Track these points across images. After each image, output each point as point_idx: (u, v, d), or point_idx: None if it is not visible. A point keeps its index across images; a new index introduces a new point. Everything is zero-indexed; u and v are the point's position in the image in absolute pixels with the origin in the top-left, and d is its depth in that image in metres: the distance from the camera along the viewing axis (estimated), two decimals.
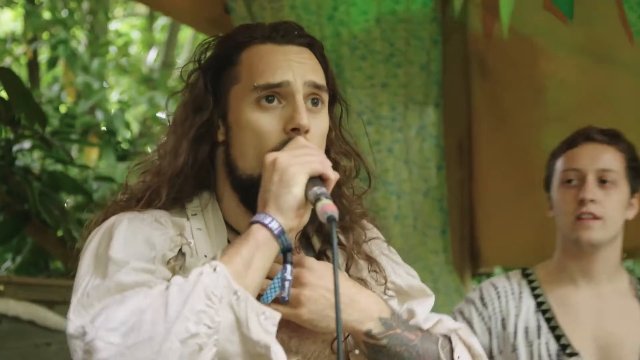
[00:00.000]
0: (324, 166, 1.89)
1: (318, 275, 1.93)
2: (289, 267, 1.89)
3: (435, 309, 4.61)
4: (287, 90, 1.98)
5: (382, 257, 2.20)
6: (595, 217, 2.96)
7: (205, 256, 1.96)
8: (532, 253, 4.60)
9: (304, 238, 2.12)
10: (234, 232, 2.02)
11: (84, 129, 6.01)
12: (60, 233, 4.43)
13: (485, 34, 4.22)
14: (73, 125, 6.20)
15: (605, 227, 2.97)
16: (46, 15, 8.57)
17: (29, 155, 4.90)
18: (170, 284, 1.77)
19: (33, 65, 8.88)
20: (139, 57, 11.55)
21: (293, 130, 1.96)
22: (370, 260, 2.16)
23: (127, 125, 7.90)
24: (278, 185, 1.85)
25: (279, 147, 1.94)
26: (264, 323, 1.78)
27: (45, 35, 8.65)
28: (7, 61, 8.72)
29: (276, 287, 1.89)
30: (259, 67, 2.00)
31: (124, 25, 12.05)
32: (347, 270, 2.11)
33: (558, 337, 2.99)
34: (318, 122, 2.01)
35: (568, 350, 2.97)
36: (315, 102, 2.02)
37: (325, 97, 2.05)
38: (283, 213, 1.85)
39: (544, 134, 4.40)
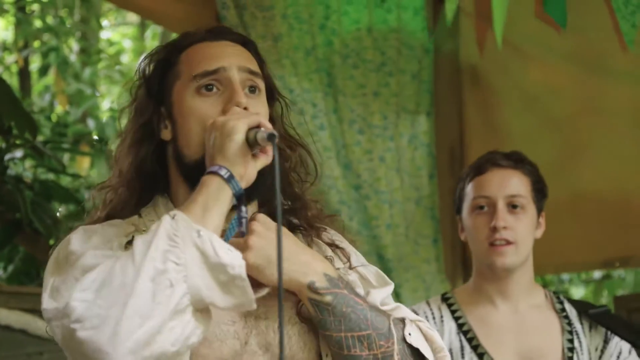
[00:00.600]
0: (260, 117, 1.98)
1: (268, 226, 1.99)
2: (243, 207, 1.98)
3: None
4: (223, 75, 2.09)
5: (343, 242, 2.26)
6: (509, 242, 3.05)
7: None
8: None
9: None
10: None
11: (75, 137, 6.01)
12: (52, 242, 4.42)
13: (478, 44, 4.23)
14: (65, 134, 6.20)
15: (517, 250, 3.07)
16: (37, 23, 8.57)
17: (20, 164, 4.89)
18: (134, 241, 1.84)
19: (24, 73, 8.88)
20: (131, 65, 11.54)
21: None
22: (333, 244, 2.22)
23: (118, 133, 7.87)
24: (220, 138, 1.95)
25: None
26: (233, 254, 1.84)
27: (36, 44, 8.65)
28: None
29: (234, 226, 1.98)
30: (196, 60, 2.12)
31: (115, 34, 12.04)
32: (311, 243, 2.18)
33: (481, 356, 3.06)
34: (256, 105, 2.10)
35: None
36: (252, 89, 2.12)
37: (261, 84, 2.15)
38: (229, 160, 1.93)
39: (536, 143, 4.41)
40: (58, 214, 4.65)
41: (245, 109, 2.05)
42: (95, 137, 6.70)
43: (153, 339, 1.76)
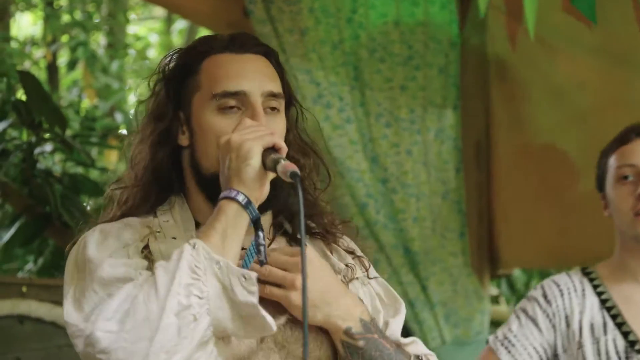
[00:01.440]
0: (275, 138, 2.01)
1: (317, 266, 2.04)
2: (260, 233, 2.00)
3: (454, 311, 4.65)
4: (244, 99, 2.09)
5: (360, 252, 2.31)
6: None
7: (174, 238, 2.07)
8: (552, 254, 4.63)
9: (278, 227, 2.23)
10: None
11: (103, 131, 6.03)
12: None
13: (510, 40, 4.22)
14: (93, 128, 6.23)
15: None
16: (65, 18, 8.60)
17: (50, 158, 4.92)
18: (155, 269, 1.88)
19: (52, 68, 8.92)
20: (157, 60, 11.57)
21: None
22: (352, 252, 2.27)
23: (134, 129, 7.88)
24: (236, 162, 1.97)
25: None
26: (246, 284, 1.88)
27: (64, 38, 8.69)
28: (26, 65, 8.75)
29: (252, 253, 2.01)
30: (217, 76, 2.12)
31: (142, 28, 12.08)
32: (331, 252, 2.22)
33: (625, 334, 2.95)
34: (275, 124, 2.12)
35: (637, 347, 2.93)
36: (272, 109, 2.13)
37: (281, 103, 2.16)
38: (246, 185, 1.96)
39: (562, 136, 4.41)
40: (88, 207, 4.67)
41: None
42: (124, 131, 6.72)
43: None
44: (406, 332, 2.27)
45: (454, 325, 4.56)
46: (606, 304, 3.01)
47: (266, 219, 2.13)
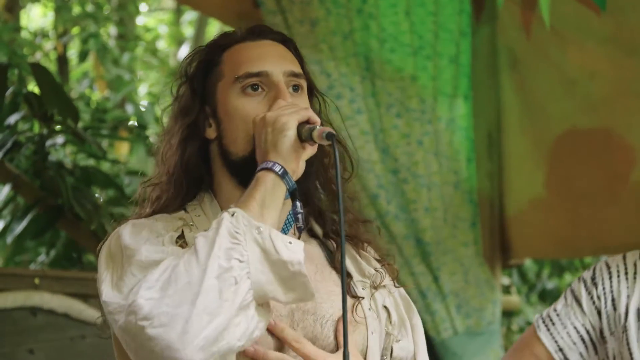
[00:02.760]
0: (309, 111, 2.04)
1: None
2: (298, 203, 2.04)
3: (466, 301, 4.66)
4: (268, 79, 2.13)
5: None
6: None
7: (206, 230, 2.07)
8: (564, 244, 4.63)
9: (308, 230, 2.24)
10: None
11: (114, 123, 6.03)
12: (93, 227, 4.47)
13: (525, 30, 4.21)
14: (104, 119, 6.24)
15: None
16: (76, 9, 8.61)
17: (61, 150, 4.93)
18: (195, 238, 1.91)
19: (62, 60, 8.92)
20: (167, 51, 11.58)
21: None
22: (382, 259, 2.29)
23: (158, 120, 7.90)
24: (272, 134, 2.01)
25: None
26: (293, 247, 1.91)
27: (75, 30, 8.69)
28: (37, 56, 8.76)
29: (291, 221, 2.10)
30: (238, 61, 2.16)
31: (151, 20, 12.08)
32: (360, 255, 2.25)
33: None
34: (302, 103, 2.15)
35: None
36: (295, 88, 2.17)
37: (304, 83, 2.20)
38: (282, 156, 2.00)
39: (574, 126, 4.40)
40: (100, 199, 4.69)
41: None
42: (135, 122, 6.72)
43: (221, 335, 1.84)
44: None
45: (466, 315, 4.56)
46: None
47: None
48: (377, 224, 2.39)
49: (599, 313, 2.95)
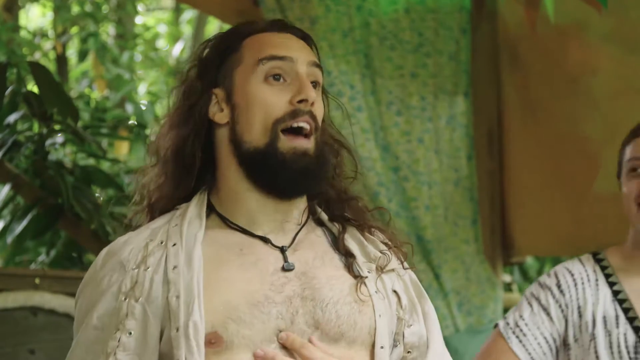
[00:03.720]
0: None
1: None
2: None
3: (468, 298, 4.65)
4: (291, 66, 2.11)
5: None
6: None
7: (174, 244, 2.05)
8: (565, 242, 4.62)
9: (312, 213, 2.23)
10: (223, 221, 2.12)
11: (114, 122, 6.03)
12: (93, 226, 4.45)
13: (530, 27, 4.19)
14: (104, 119, 6.23)
15: None
16: (75, 9, 8.61)
17: (61, 150, 4.92)
18: None
19: (61, 59, 8.92)
20: (166, 50, 11.58)
21: (300, 102, 2.08)
22: (388, 243, 2.25)
23: (157, 119, 7.89)
24: None
25: (285, 118, 2.07)
26: None
27: (74, 29, 8.69)
28: (36, 56, 8.76)
29: None
30: (261, 45, 2.13)
31: (150, 18, 12.08)
32: (365, 238, 2.21)
33: (636, 329, 2.91)
34: (319, 102, 2.14)
35: None
36: (314, 84, 2.14)
37: (321, 80, 2.18)
38: None
39: (576, 124, 4.39)
40: (100, 199, 4.67)
41: (312, 104, 2.09)
42: (134, 122, 6.72)
43: None
44: None
45: (467, 313, 4.56)
46: (618, 296, 2.98)
47: (301, 203, 2.15)
48: (389, 213, 2.37)
49: (566, 321, 2.97)
